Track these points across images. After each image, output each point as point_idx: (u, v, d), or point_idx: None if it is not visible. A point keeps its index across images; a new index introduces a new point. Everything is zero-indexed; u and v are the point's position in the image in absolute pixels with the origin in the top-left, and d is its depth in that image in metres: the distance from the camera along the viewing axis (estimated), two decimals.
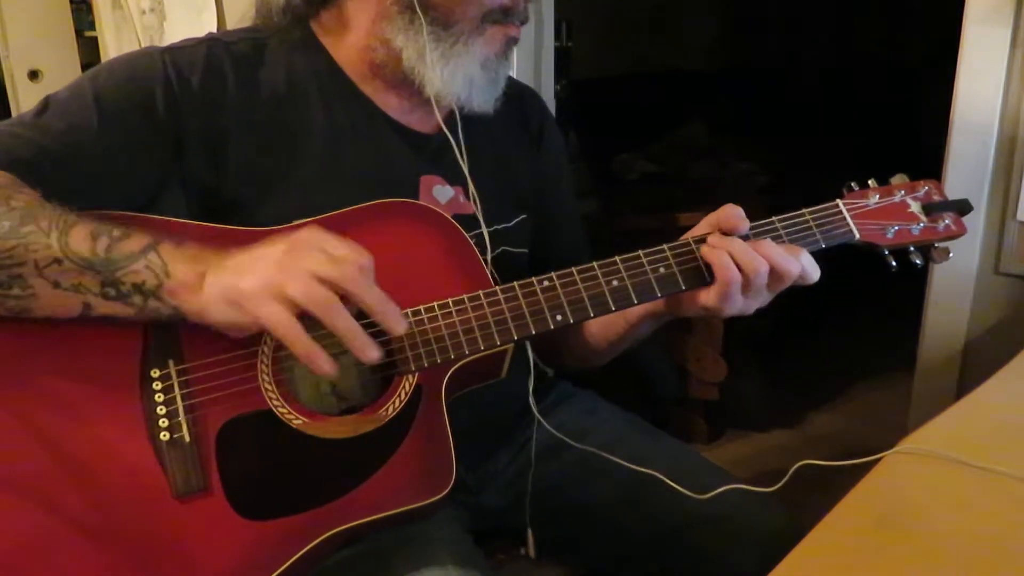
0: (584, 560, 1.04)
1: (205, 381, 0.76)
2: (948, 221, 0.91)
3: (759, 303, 0.84)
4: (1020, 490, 0.71)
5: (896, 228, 0.89)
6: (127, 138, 0.83)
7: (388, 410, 0.79)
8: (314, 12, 0.94)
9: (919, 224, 0.90)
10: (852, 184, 0.92)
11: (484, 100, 0.93)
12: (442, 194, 0.94)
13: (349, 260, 0.70)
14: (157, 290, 0.72)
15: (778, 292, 0.85)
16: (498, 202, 0.96)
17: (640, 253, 0.84)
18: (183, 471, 0.73)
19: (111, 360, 0.75)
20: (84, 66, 2.38)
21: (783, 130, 3.54)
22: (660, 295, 0.84)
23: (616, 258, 0.84)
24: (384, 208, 0.85)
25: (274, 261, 0.70)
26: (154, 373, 0.76)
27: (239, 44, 0.91)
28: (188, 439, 0.74)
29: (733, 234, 0.83)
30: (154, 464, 0.74)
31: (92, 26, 2.28)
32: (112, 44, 2.14)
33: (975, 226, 1.29)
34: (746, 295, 0.82)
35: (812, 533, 0.66)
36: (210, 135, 0.86)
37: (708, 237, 0.83)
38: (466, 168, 0.92)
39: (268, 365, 0.77)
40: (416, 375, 0.80)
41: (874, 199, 0.90)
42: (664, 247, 0.85)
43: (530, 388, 0.92)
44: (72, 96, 0.84)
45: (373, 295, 0.71)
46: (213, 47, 0.89)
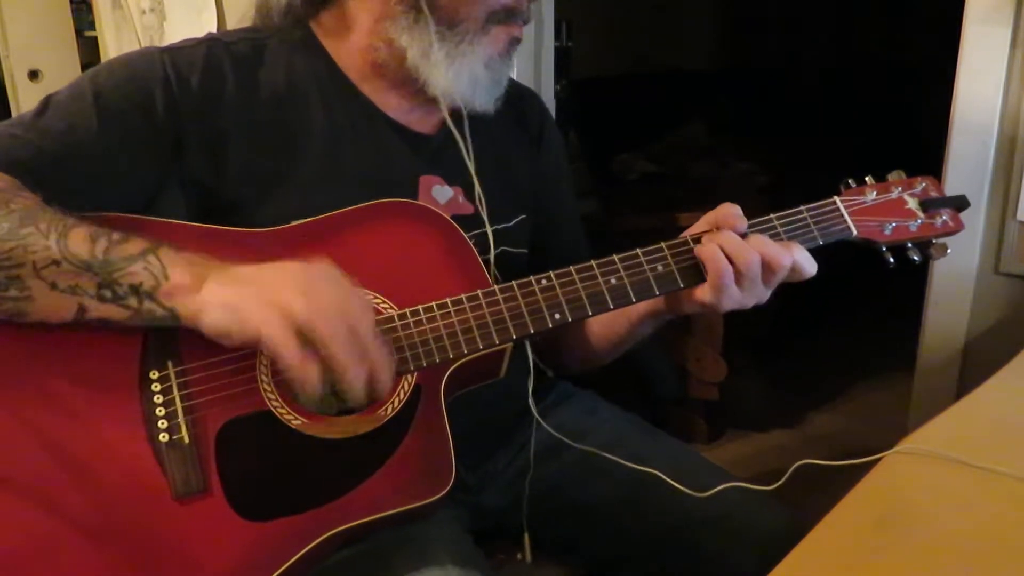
0: (584, 560, 1.04)
1: (204, 382, 0.76)
2: (945, 217, 0.91)
3: (756, 297, 0.84)
4: (1020, 490, 0.71)
5: (893, 224, 0.89)
6: (126, 138, 0.83)
7: (387, 410, 0.79)
8: (314, 13, 0.94)
9: (916, 220, 0.90)
10: (849, 181, 0.92)
11: (487, 100, 0.93)
12: (441, 194, 0.94)
13: (360, 308, 0.71)
14: (154, 291, 0.72)
15: (775, 286, 0.85)
16: (498, 202, 0.96)
17: (638, 251, 0.84)
18: (182, 472, 0.73)
19: (110, 362, 0.75)
20: (84, 66, 2.38)
21: (783, 130, 3.55)
22: (658, 293, 0.84)
23: (614, 256, 0.84)
24: (383, 208, 0.85)
25: (283, 277, 0.70)
26: (153, 375, 0.76)
27: (239, 44, 0.91)
28: (187, 440, 0.74)
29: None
30: (153, 465, 0.73)
31: (92, 26, 2.27)
32: (112, 44, 2.14)
33: (975, 226, 1.29)
34: (741, 288, 0.82)
35: (812, 533, 0.66)
36: (209, 135, 0.86)
37: (703, 237, 0.83)
38: (473, 168, 0.93)
39: (267, 366, 0.77)
40: (415, 375, 0.80)
41: (871, 196, 0.90)
42: (662, 245, 0.85)
43: (530, 389, 0.92)
44: (71, 96, 0.84)
45: (378, 353, 0.71)
46: (213, 47, 0.89)
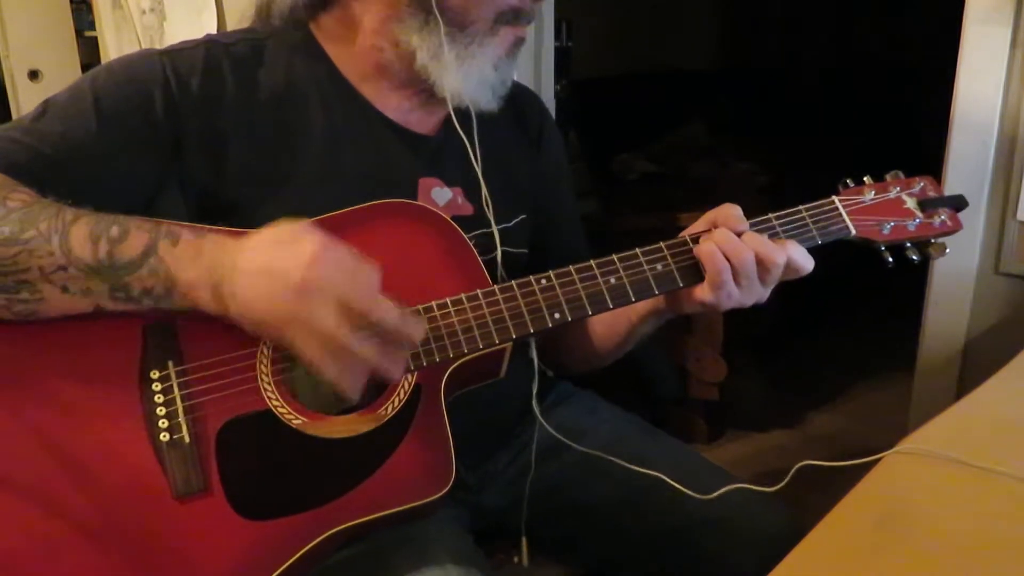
0: (584, 560, 1.04)
1: (204, 382, 0.76)
2: (944, 217, 0.91)
3: (755, 296, 0.85)
4: (1020, 490, 0.71)
5: (892, 224, 0.89)
6: (126, 140, 0.83)
7: (387, 409, 0.79)
8: (313, 15, 0.94)
9: (915, 220, 0.90)
10: (848, 181, 0.92)
11: (493, 100, 0.93)
12: (440, 196, 0.94)
13: (365, 283, 0.71)
14: (169, 294, 0.73)
15: (773, 285, 0.85)
16: (499, 202, 0.96)
17: (637, 251, 0.84)
18: (183, 471, 0.73)
19: (110, 361, 0.75)
20: (84, 66, 2.38)
21: (783, 130, 3.55)
22: (658, 292, 0.84)
23: (614, 256, 0.84)
24: (383, 208, 0.85)
25: (295, 287, 0.69)
26: (153, 374, 0.76)
27: (238, 45, 0.91)
28: (188, 439, 0.74)
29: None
30: (154, 465, 0.74)
31: (92, 26, 2.27)
32: (112, 44, 2.14)
33: (975, 226, 1.29)
34: (739, 287, 0.83)
35: (812, 533, 0.66)
36: (209, 136, 0.86)
37: (700, 236, 0.84)
38: (480, 171, 0.93)
39: (267, 365, 0.77)
40: (415, 374, 0.80)
41: (870, 195, 0.90)
42: (661, 245, 0.85)
43: (534, 391, 0.92)
44: (71, 99, 0.84)
45: (391, 314, 0.72)
46: (212, 49, 0.89)
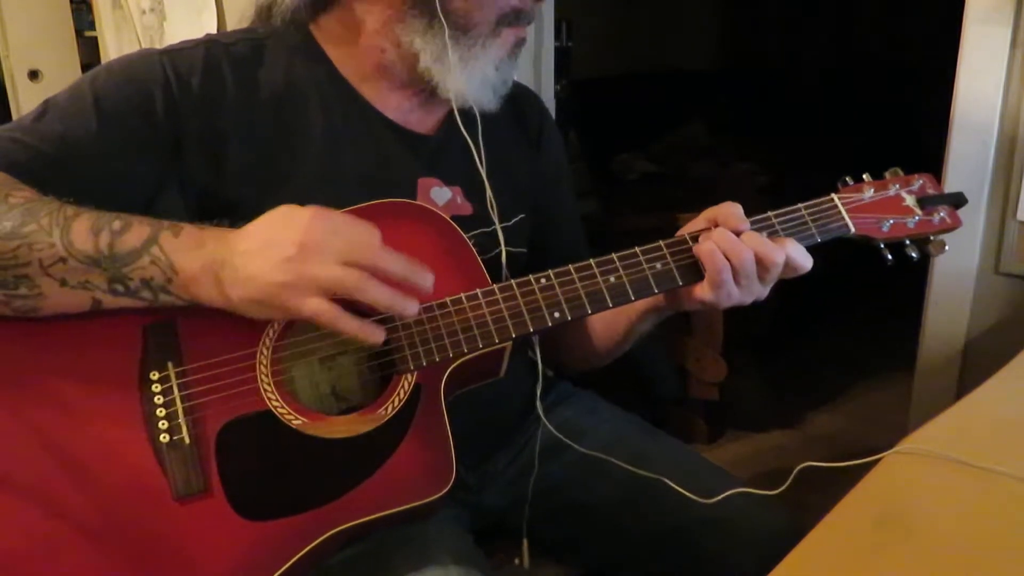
0: (584, 560, 1.04)
1: (204, 383, 0.76)
2: (943, 214, 0.91)
3: (754, 294, 0.85)
4: (1020, 490, 0.71)
5: (891, 222, 0.89)
6: (126, 140, 0.83)
7: (387, 409, 0.79)
8: (313, 16, 0.94)
9: (914, 217, 0.90)
10: (847, 178, 0.92)
11: (493, 100, 0.93)
12: (440, 196, 0.94)
13: (365, 239, 0.72)
14: (167, 285, 0.72)
15: (772, 283, 0.85)
16: (499, 201, 0.96)
17: (637, 250, 0.84)
18: (183, 472, 0.73)
19: (110, 362, 0.75)
20: (84, 66, 2.38)
21: (783, 130, 3.55)
22: (657, 291, 0.84)
23: (613, 255, 0.84)
24: (382, 208, 0.85)
25: (295, 252, 0.70)
26: (153, 375, 0.76)
27: (238, 45, 0.91)
28: (188, 440, 0.74)
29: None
30: (154, 466, 0.74)
31: (92, 26, 2.27)
32: (112, 44, 2.14)
33: (975, 226, 1.29)
34: (739, 285, 0.83)
35: (812, 533, 0.66)
36: (209, 136, 0.86)
37: (700, 235, 0.84)
38: (484, 170, 0.93)
39: (267, 366, 0.77)
40: (415, 374, 0.80)
41: (869, 193, 0.90)
42: (660, 243, 0.85)
43: (538, 391, 0.92)
44: (71, 99, 0.84)
45: (398, 264, 0.73)
46: (212, 48, 0.89)
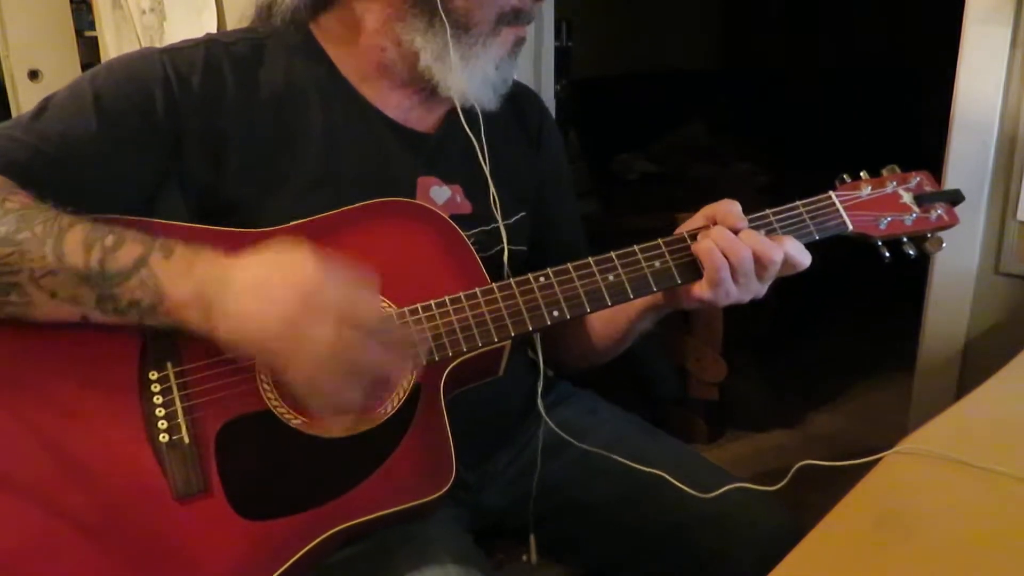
0: (584, 560, 1.04)
1: (204, 383, 0.76)
2: (940, 211, 0.92)
3: (752, 292, 0.85)
4: (1020, 490, 0.71)
5: (889, 219, 0.90)
6: (126, 139, 0.83)
7: (387, 409, 0.79)
8: (313, 15, 0.94)
9: (912, 215, 0.91)
10: (844, 176, 0.92)
11: (493, 99, 0.93)
12: (439, 195, 0.94)
13: (367, 299, 0.71)
14: (155, 308, 0.71)
15: (770, 281, 0.85)
16: (500, 200, 0.96)
17: (635, 248, 0.84)
18: (183, 472, 0.73)
19: (110, 363, 0.75)
20: (84, 66, 2.38)
21: (783, 130, 3.54)
22: (656, 289, 0.84)
23: (612, 253, 0.84)
24: (382, 207, 0.85)
25: (294, 311, 0.68)
26: (152, 375, 0.76)
27: (238, 45, 0.91)
28: (187, 440, 0.74)
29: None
30: (154, 466, 0.73)
31: (92, 26, 2.27)
32: (112, 44, 2.14)
33: (975, 226, 1.29)
34: (737, 284, 0.83)
35: (812, 533, 0.66)
36: (209, 136, 0.86)
37: (698, 234, 0.84)
38: (487, 169, 0.93)
39: None
40: (414, 373, 0.80)
41: (866, 191, 0.91)
42: (659, 241, 0.85)
43: (539, 389, 0.92)
44: (70, 97, 0.84)
45: (390, 332, 0.72)
46: (212, 48, 0.89)
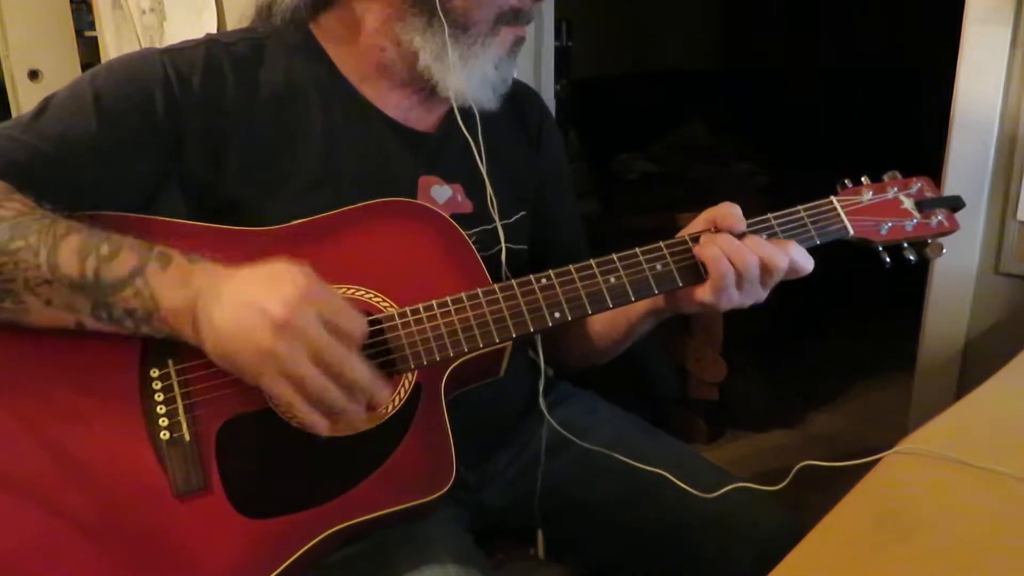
0: (585, 559, 1.04)
1: (204, 380, 0.76)
2: (941, 217, 0.92)
3: (754, 298, 0.85)
4: (1020, 490, 0.71)
5: (890, 224, 0.90)
6: (126, 139, 0.83)
7: (388, 408, 0.79)
8: (313, 15, 0.94)
9: (912, 220, 0.91)
10: (846, 181, 0.93)
11: (492, 99, 0.93)
12: (440, 194, 0.94)
13: (347, 339, 0.70)
14: (149, 318, 0.72)
15: (772, 286, 0.85)
16: (499, 199, 0.96)
17: (637, 251, 0.84)
18: (183, 470, 0.73)
19: (110, 361, 0.75)
20: (84, 66, 2.38)
21: (783, 130, 3.54)
22: (657, 292, 0.84)
23: (613, 256, 0.84)
24: (382, 207, 0.85)
25: (269, 333, 0.67)
26: (153, 373, 0.76)
27: (238, 45, 0.91)
28: (188, 438, 0.74)
29: (729, 232, 0.83)
30: (154, 463, 0.74)
31: (92, 26, 2.27)
32: (112, 44, 2.14)
33: (975, 226, 1.29)
34: (740, 289, 0.83)
35: (812, 533, 0.66)
36: (210, 135, 0.86)
37: (700, 237, 0.84)
38: (484, 170, 0.93)
39: None
40: (415, 373, 0.80)
41: (867, 196, 0.91)
42: (661, 244, 0.85)
43: (541, 389, 0.93)
44: (70, 97, 0.84)
45: (364, 377, 0.71)
46: (212, 48, 0.89)
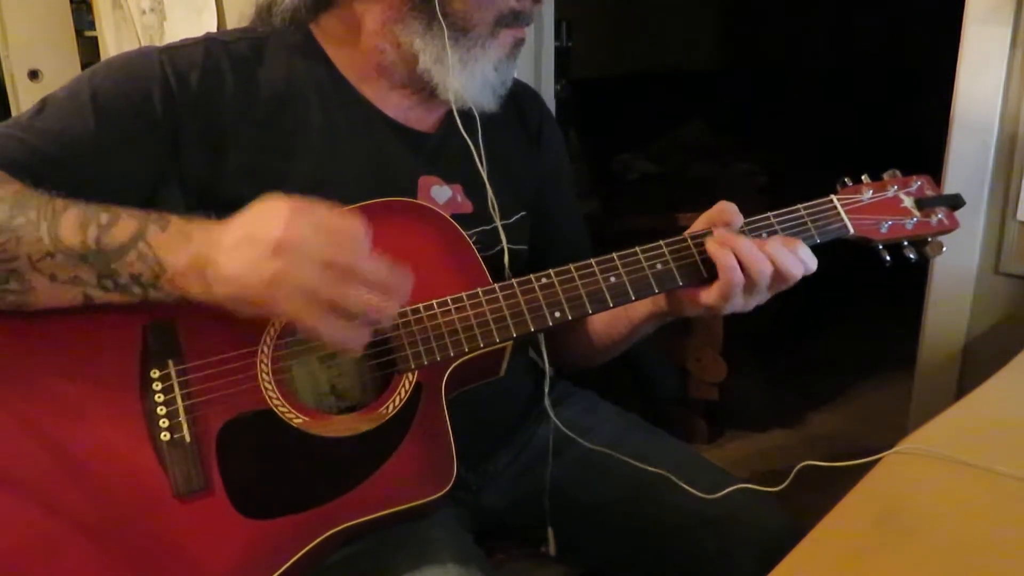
0: (585, 559, 1.04)
1: (205, 381, 0.76)
2: (941, 216, 0.92)
3: (758, 301, 0.85)
4: (1020, 490, 0.71)
5: (890, 223, 0.90)
6: (124, 138, 0.83)
7: (388, 408, 0.79)
8: (313, 16, 0.94)
9: (912, 219, 0.91)
10: (846, 180, 0.93)
11: (492, 100, 0.94)
12: (440, 194, 0.94)
13: (347, 237, 0.69)
14: (156, 281, 0.72)
15: (778, 291, 0.85)
16: (500, 199, 0.96)
17: (637, 250, 0.84)
18: (184, 470, 0.74)
19: (111, 360, 0.75)
20: (84, 66, 2.37)
21: (783, 130, 3.54)
22: (657, 291, 0.84)
23: (614, 255, 0.84)
24: (382, 207, 0.85)
25: (271, 251, 0.67)
26: (154, 373, 0.76)
27: (237, 44, 0.91)
28: (188, 439, 0.74)
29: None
30: (155, 464, 0.74)
31: (92, 26, 2.27)
32: (112, 44, 2.14)
33: (975, 226, 1.29)
34: (747, 294, 0.83)
35: (812, 533, 0.66)
36: (208, 135, 0.86)
37: (714, 231, 0.84)
38: (484, 172, 0.93)
39: (268, 364, 0.77)
40: (416, 373, 0.80)
41: (867, 194, 0.91)
42: (661, 243, 0.85)
43: (545, 390, 0.93)
44: (69, 96, 0.84)
45: (379, 266, 0.70)
46: (211, 47, 0.89)
